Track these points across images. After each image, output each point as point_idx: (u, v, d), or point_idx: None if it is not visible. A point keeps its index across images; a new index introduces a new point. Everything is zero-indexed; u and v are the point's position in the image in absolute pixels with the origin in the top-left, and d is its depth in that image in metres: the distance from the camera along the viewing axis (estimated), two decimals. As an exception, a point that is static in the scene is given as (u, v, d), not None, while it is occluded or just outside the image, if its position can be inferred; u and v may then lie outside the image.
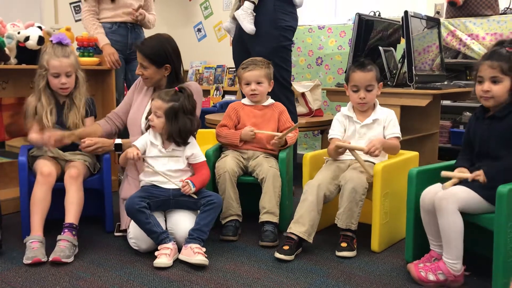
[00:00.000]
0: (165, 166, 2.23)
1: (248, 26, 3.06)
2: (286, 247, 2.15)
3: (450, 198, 1.82)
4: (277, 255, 2.14)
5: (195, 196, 2.20)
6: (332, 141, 2.39)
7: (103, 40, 3.24)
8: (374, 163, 2.28)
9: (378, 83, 2.37)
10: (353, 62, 2.89)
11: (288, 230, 2.21)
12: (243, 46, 3.20)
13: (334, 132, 2.41)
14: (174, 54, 2.45)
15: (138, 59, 2.43)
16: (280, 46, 3.11)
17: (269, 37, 3.08)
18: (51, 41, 2.44)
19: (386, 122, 2.36)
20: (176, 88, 2.24)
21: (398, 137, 2.36)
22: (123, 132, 2.61)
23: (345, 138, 2.39)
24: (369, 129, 2.36)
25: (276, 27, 3.08)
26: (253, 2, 3.08)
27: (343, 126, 2.42)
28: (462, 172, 1.93)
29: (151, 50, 2.40)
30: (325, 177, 2.28)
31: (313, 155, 2.48)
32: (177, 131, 2.19)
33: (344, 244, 2.20)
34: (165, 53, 2.41)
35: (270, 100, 2.64)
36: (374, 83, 2.34)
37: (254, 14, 3.07)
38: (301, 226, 2.18)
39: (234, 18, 3.43)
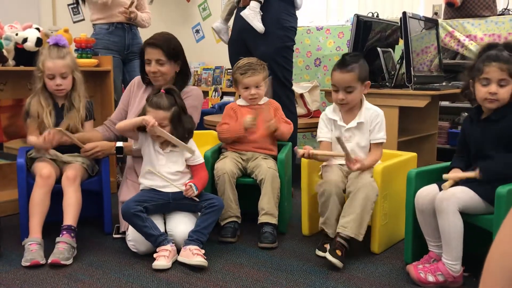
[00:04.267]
0: (164, 168, 2.22)
1: (259, 25, 3.04)
2: (339, 252, 2.06)
3: (451, 199, 1.82)
4: (329, 258, 2.04)
5: (197, 199, 2.20)
6: (322, 145, 2.36)
7: None
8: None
9: (362, 82, 2.23)
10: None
11: (340, 231, 2.10)
12: (241, 47, 3.18)
13: (322, 134, 2.37)
14: (182, 50, 2.49)
15: (154, 55, 2.37)
16: (284, 46, 3.11)
17: (275, 37, 3.07)
18: (48, 42, 2.43)
19: (372, 125, 2.27)
20: (162, 90, 2.20)
21: (381, 143, 2.28)
22: (121, 138, 2.59)
23: (332, 141, 2.34)
24: (354, 133, 2.28)
25: (281, 27, 3.08)
26: (260, 2, 3.06)
27: (329, 128, 2.36)
28: (456, 173, 1.94)
29: (167, 44, 2.38)
30: (338, 176, 2.21)
31: (312, 156, 2.46)
32: (184, 133, 2.20)
33: (339, 253, 2.07)
34: (178, 47, 2.44)
35: (264, 98, 2.63)
36: (355, 85, 2.20)
37: (261, 13, 3.06)
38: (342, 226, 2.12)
39: (225, 19, 3.43)
